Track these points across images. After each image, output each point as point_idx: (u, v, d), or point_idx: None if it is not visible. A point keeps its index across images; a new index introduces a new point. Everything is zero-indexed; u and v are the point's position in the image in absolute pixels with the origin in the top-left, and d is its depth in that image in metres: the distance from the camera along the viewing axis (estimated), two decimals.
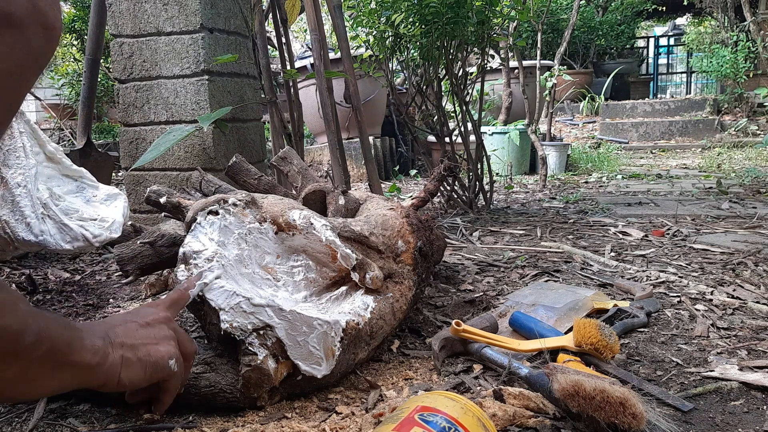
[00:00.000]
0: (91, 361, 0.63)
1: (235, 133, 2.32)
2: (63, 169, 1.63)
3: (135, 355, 0.71)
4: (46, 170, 1.57)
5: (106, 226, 1.60)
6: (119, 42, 2.24)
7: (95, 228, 1.57)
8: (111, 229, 1.60)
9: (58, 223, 1.50)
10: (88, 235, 1.54)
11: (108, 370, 0.66)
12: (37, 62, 0.54)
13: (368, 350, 1.08)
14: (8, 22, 0.49)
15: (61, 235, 1.49)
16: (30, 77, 0.54)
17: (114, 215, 1.64)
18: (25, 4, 0.50)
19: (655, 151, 6.69)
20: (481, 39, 2.68)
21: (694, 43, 8.96)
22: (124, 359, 0.69)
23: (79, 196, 1.64)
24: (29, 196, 1.44)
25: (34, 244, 1.45)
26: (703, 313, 1.37)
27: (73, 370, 0.62)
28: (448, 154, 2.87)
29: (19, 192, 1.43)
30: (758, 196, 3.19)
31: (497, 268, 1.83)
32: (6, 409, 1.01)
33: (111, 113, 7.40)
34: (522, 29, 7.24)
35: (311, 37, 2.07)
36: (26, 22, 0.51)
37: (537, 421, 0.90)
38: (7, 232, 1.41)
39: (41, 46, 0.53)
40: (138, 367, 0.70)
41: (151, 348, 0.74)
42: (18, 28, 0.50)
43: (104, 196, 1.70)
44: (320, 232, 1.07)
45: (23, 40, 0.51)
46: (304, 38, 8.43)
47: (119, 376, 0.68)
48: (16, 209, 1.42)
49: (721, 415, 0.93)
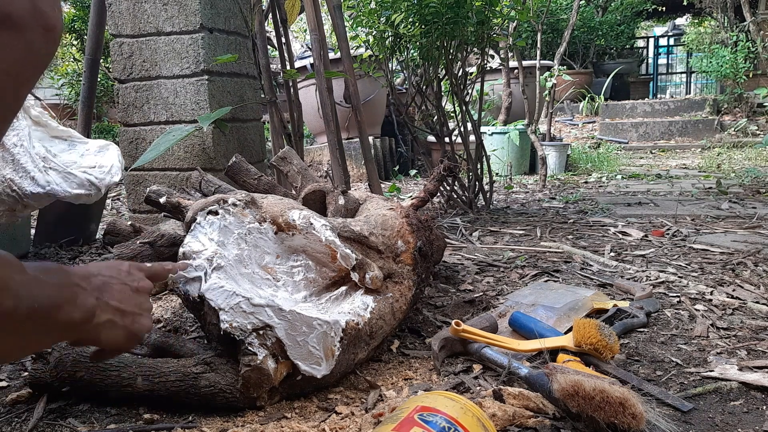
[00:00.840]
0: (79, 319, 0.64)
1: (235, 133, 2.32)
2: (51, 131, 1.65)
3: (122, 321, 0.72)
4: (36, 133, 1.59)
5: (107, 170, 1.63)
6: (119, 42, 2.24)
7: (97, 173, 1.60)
8: (112, 173, 1.64)
9: (62, 172, 1.53)
10: (93, 179, 1.57)
11: (92, 329, 0.67)
12: (37, 63, 0.54)
13: (368, 350, 1.08)
14: (9, 23, 0.49)
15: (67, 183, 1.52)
16: (31, 78, 0.54)
17: (111, 161, 1.68)
18: (26, 5, 0.50)
19: (654, 151, 6.69)
20: (481, 39, 2.68)
21: (694, 43, 8.96)
22: (110, 322, 0.69)
23: (72, 152, 1.67)
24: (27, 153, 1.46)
25: (43, 195, 1.47)
26: (702, 313, 1.37)
27: (59, 328, 0.62)
28: (448, 154, 2.87)
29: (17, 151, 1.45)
30: (758, 196, 3.19)
31: (497, 268, 1.83)
32: (6, 409, 1.01)
33: (111, 113, 7.39)
34: (522, 29, 7.24)
35: (311, 37, 2.07)
36: (27, 23, 0.51)
37: (537, 421, 0.90)
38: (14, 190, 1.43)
39: (42, 47, 0.53)
40: (120, 333, 0.71)
41: (136, 317, 0.74)
42: (18, 29, 0.50)
43: (96, 148, 1.74)
44: (320, 232, 1.07)
45: (24, 41, 0.51)
46: (304, 38, 8.43)
47: (99, 336, 0.69)
48: (18, 167, 1.44)
49: (721, 415, 0.93)
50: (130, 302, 0.74)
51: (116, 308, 0.71)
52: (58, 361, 1.01)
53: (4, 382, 1.14)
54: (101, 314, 0.68)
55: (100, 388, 0.99)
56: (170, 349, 1.10)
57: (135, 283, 0.77)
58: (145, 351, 1.10)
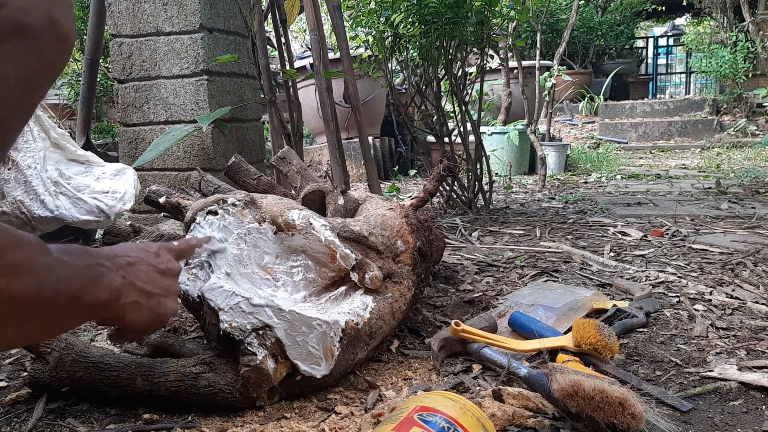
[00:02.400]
0: (106, 299, 0.63)
1: (235, 133, 2.31)
2: (69, 154, 1.65)
3: (147, 303, 0.71)
4: (53, 155, 1.59)
5: (119, 197, 1.62)
6: (118, 42, 2.24)
7: (108, 200, 1.59)
8: (124, 200, 1.63)
9: (72, 198, 1.52)
10: (102, 206, 1.56)
11: (118, 309, 0.67)
12: (50, 72, 0.54)
13: (367, 350, 1.08)
14: (24, 33, 0.50)
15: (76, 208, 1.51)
16: (43, 86, 0.55)
17: (125, 187, 1.67)
18: (42, 15, 0.51)
19: (654, 152, 6.69)
20: (481, 39, 2.68)
21: (694, 43, 8.96)
22: (136, 304, 0.69)
23: (88, 175, 1.66)
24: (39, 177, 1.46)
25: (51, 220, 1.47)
26: (702, 313, 1.37)
27: (86, 309, 0.62)
28: (448, 154, 2.87)
29: (30, 173, 1.45)
30: (757, 197, 3.19)
31: (496, 268, 1.83)
32: (5, 409, 1.01)
33: (110, 113, 7.39)
34: (521, 29, 7.24)
35: (311, 37, 2.07)
36: (42, 33, 0.52)
37: (536, 421, 0.90)
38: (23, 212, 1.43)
39: (55, 56, 0.54)
40: (145, 315, 0.71)
41: (161, 300, 0.74)
42: (33, 39, 0.51)
43: (113, 171, 1.72)
44: (319, 232, 1.07)
45: (38, 50, 0.52)
46: (303, 38, 8.43)
47: (125, 317, 0.68)
48: (29, 189, 1.44)
49: (720, 415, 0.93)
50: (156, 284, 0.73)
51: (142, 290, 0.70)
52: (58, 361, 1.00)
53: (3, 382, 1.14)
54: (128, 294, 0.68)
55: (100, 388, 0.99)
56: (170, 349, 1.10)
57: (162, 265, 0.76)
58: (145, 351, 1.10)
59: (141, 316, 0.70)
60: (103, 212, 1.57)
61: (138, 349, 1.11)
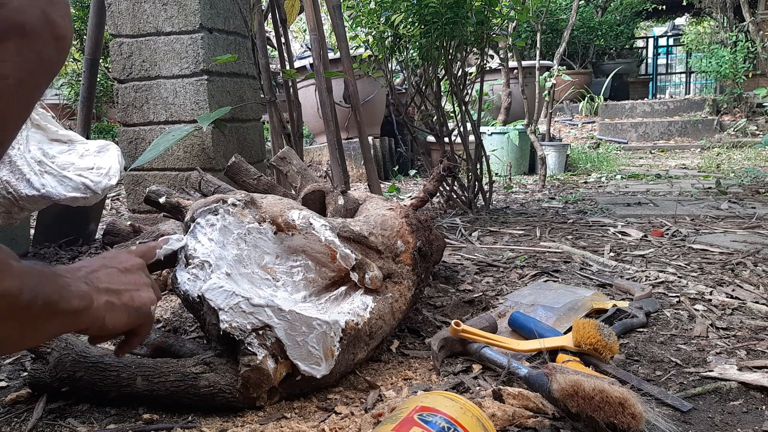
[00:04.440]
0: (78, 307, 0.64)
1: (235, 133, 2.31)
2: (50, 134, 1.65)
3: (119, 300, 0.71)
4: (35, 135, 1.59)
5: (104, 173, 1.62)
6: (118, 42, 2.24)
7: (94, 176, 1.59)
8: (109, 175, 1.63)
9: (57, 176, 1.52)
10: (88, 183, 1.56)
11: (93, 314, 0.67)
12: (48, 71, 0.55)
13: (367, 350, 1.08)
14: (21, 33, 0.51)
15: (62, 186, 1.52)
16: (41, 85, 0.55)
17: (109, 163, 1.67)
18: (39, 15, 0.52)
19: (654, 152, 6.69)
20: (481, 39, 2.68)
21: (693, 43, 8.96)
22: (108, 304, 0.70)
23: (72, 153, 1.66)
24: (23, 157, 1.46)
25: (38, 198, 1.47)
26: (702, 313, 1.37)
27: (63, 317, 0.62)
28: (448, 154, 2.87)
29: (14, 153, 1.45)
30: (757, 197, 3.19)
31: (496, 268, 1.83)
32: (5, 409, 1.01)
33: (110, 113, 7.39)
34: (521, 29, 7.23)
35: (311, 37, 2.07)
36: (38, 33, 0.52)
37: (536, 421, 0.90)
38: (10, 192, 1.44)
39: (52, 56, 0.54)
40: (122, 312, 0.71)
41: (134, 293, 0.74)
42: (30, 39, 0.51)
43: (96, 148, 1.72)
44: (319, 232, 1.07)
45: (35, 50, 0.52)
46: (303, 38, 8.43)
47: (104, 320, 0.69)
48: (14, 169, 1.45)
49: (720, 415, 0.93)
50: (120, 281, 0.74)
51: (108, 289, 0.71)
52: (58, 361, 1.00)
53: (3, 382, 1.14)
54: (98, 297, 0.68)
55: (100, 388, 0.99)
56: (170, 349, 1.10)
57: (122, 265, 0.77)
58: (145, 351, 1.10)
59: (119, 315, 0.71)
60: (89, 188, 1.57)
61: (138, 349, 1.11)
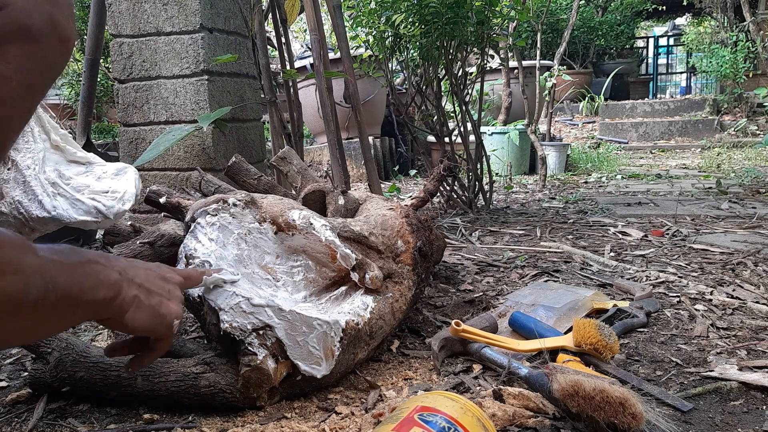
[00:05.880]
0: (105, 296, 0.63)
1: (235, 133, 2.32)
2: (69, 155, 1.63)
3: (147, 300, 0.69)
4: (53, 156, 1.57)
5: (118, 197, 1.60)
6: (119, 42, 2.24)
7: (107, 200, 1.57)
8: (123, 200, 1.61)
9: (70, 198, 1.51)
10: (100, 207, 1.54)
11: (118, 305, 0.65)
12: (51, 73, 0.55)
13: (368, 350, 1.08)
14: (27, 35, 0.51)
15: (74, 209, 1.50)
16: (44, 87, 0.55)
17: (125, 187, 1.64)
18: (44, 17, 0.52)
19: (654, 151, 6.69)
20: (481, 39, 2.68)
21: (694, 43, 8.96)
22: (136, 299, 0.67)
23: (89, 175, 1.64)
24: (37, 178, 1.46)
25: (48, 220, 1.46)
26: (702, 313, 1.37)
27: (85, 307, 0.61)
28: (448, 154, 2.87)
29: (29, 174, 1.45)
30: (758, 196, 3.19)
31: (497, 268, 1.83)
32: (6, 409, 1.01)
33: (111, 113, 7.39)
34: (521, 29, 7.23)
35: (311, 37, 2.07)
36: (44, 35, 0.52)
37: (536, 421, 0.90)
38: (21, 212, 1.43)
39: (56, 58, 0.54)
40: (146, 312, 0.69)
41: (163, 300, 0.72)
42: (36, 41, 0.52)
43: (114, 171, 1.70)
44: (320, 232, 1.07)
45: (40, 52, 0.52)
46: (303, 38, 8.43)
47: (126, 315, 0.67)
48: (28, 189, 1.44)
49: (721, 415, 0.93)
50: (155, 284, 0.72)
51: (140, 285, 0.69)
52: (58, 361, 1.01)
53: (4, 382, 1.14)
54: (127, 290, 0.66)
55: (101, 388, 0.99)
56: (170, 349, 1.10)
57: (162, 273, 0.75)
58: None
59: (142, 315, 0.69)
60: (101, 213, 1.55)
61: None
